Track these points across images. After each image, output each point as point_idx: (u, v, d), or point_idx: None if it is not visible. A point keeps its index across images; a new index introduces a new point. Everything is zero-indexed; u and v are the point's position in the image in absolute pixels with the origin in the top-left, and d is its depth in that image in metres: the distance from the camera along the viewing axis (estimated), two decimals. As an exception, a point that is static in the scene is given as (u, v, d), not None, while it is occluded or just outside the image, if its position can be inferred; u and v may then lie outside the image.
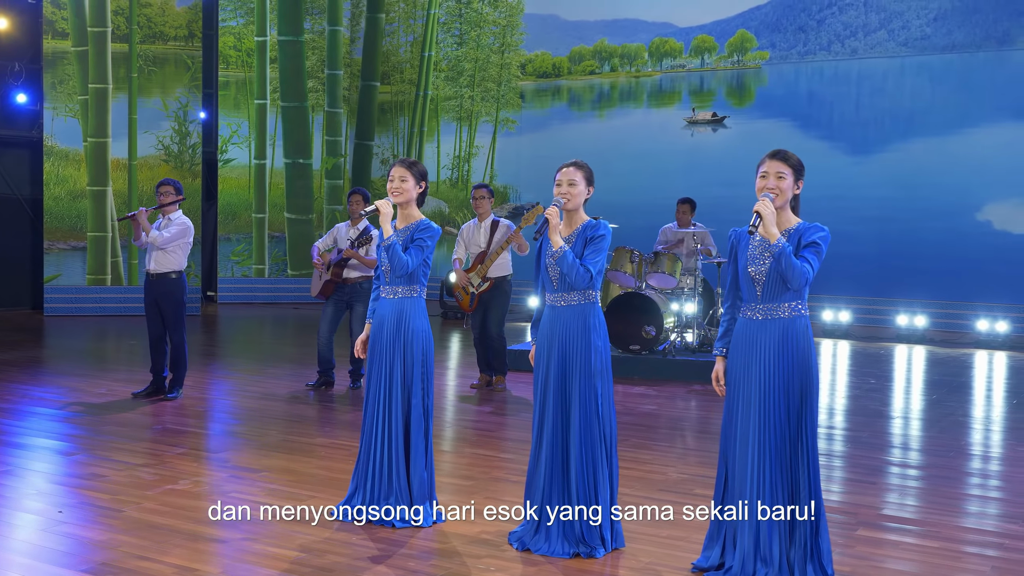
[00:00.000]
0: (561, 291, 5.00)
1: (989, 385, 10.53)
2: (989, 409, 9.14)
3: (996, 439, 7.78)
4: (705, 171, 15.64)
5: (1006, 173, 13.91)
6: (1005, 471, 6.75)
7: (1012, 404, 9.20)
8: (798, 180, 4.57)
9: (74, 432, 7.43)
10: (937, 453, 7.19)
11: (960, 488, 6.32)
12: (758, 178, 4.60)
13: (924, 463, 6.95)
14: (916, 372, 11.25)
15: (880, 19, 14.90)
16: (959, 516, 5.69)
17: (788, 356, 4.45)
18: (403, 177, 5.46)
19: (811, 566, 4.43)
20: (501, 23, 17.48)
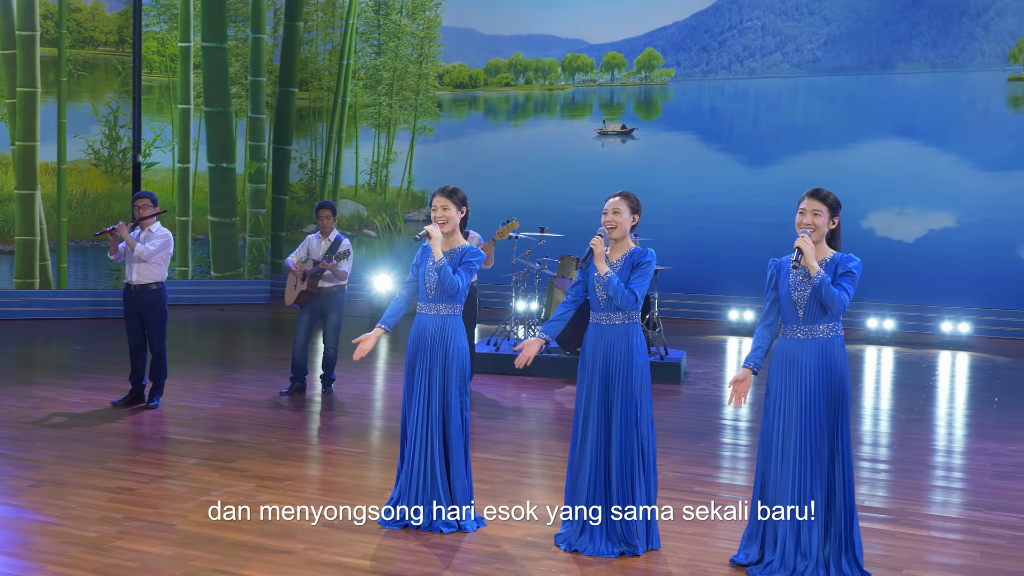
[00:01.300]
0: (608, 311, 5.25)
1: (878, 378, 11.22)
2: (877, 400, 9.80)
3: (884, 427, 8.36)
4: (615, 179, 16.02)
5: (887, 184, 14.78)
6: (894, 455, 7.31)
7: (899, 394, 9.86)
8: (833, 216, 4.90)
9: (74, 444, 7.29)
10: (864, 441, 7.72)
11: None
12: (797, 214, 4.93)
13: (873, 455, 7.46)
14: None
15: (776, 42, 15.59)
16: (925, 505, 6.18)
17: (826, 372, 4.82)
18: (445, 206, 5.62)
19: (845, 559, 4.81)
20: (419, 35, 17.54)
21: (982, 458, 7.39)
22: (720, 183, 15.60)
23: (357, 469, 6.80)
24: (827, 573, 4.79)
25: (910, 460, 7.32)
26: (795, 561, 4.82)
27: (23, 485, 6.20)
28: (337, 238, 9.27)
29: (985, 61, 14.56)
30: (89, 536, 5.30)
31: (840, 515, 4.84)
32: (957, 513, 6.04)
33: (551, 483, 6.52)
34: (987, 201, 14.35)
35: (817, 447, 4.83)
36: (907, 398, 9.85)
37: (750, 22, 15.69)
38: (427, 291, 5.62)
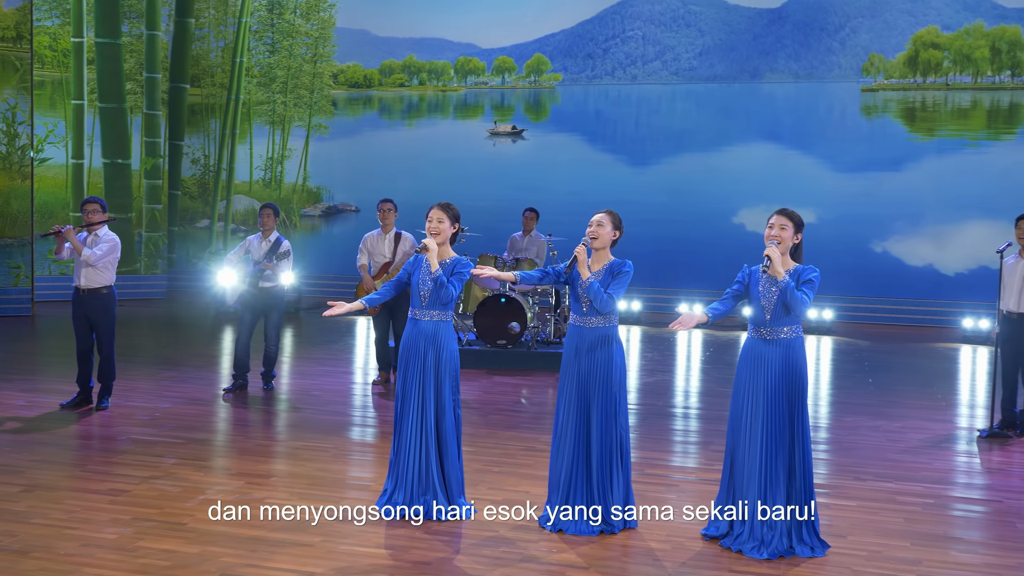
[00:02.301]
0: (589, 315, 5.69)
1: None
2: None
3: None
4: (505, 177, 16.57)
5: (756, 184, 15.74)
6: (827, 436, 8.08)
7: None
8: (797, 232, 5.47)
9: (42, 448, 7.25)
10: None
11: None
12: (767, 228, 5.47)
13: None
14: (695, 353, 12.63)
15: (656, 51, 16.33)
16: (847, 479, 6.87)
17: (789, 368, 5.40)
18: (440, 219, 5.94)
19: (805, 529, 5.41)
20: (313, 35, 17.51)
21: (878, 435, 8.19)
22: (605, 181, 16.25)
23: (335, 464, 7.03)
24: (790, 541, 5.38)
25: (816, 440, 8.04)
26: (762, 532, 5.38)
27: (14, 491, 6.19)
28: (277, 239, 9.39)
29: (842, 73, 15.67)
30: (108, 538, 5.40)
31: (800, 490, 5.43)
32: (873, 486, 6.75)
33: (520, 471, 6.91)
34: (844, 199, 15.46)
35: (780, 433, 5.40)
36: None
37: (632, 32, 16.38)
38: (421, 299, 5.92)
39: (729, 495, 5.56)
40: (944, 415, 9.08)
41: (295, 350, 12.00)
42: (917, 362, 12.06)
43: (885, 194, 15.36)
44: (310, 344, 12.39)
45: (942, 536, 5.75)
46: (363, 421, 8.47)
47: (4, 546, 5.24)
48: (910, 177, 15.32)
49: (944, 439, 8.12)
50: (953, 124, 15.27)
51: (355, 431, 8.09)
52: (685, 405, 9.44)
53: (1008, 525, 5.98)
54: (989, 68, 15.12)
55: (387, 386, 9.78)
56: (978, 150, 15.15)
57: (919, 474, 7.05)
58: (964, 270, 14.99)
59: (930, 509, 6.25)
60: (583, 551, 5.36)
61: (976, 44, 15.09)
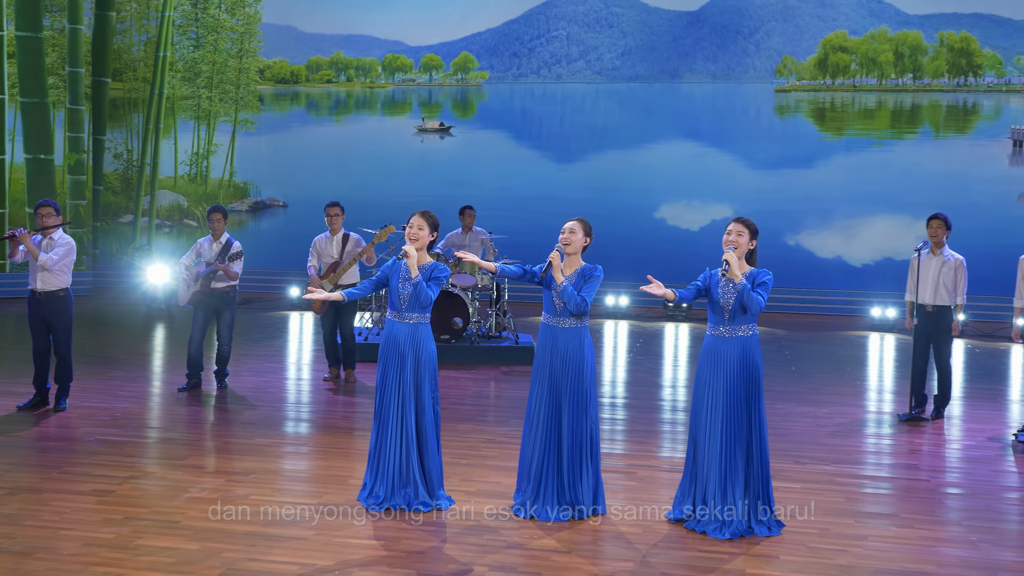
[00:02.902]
0: (563, 316, 6.08)
1: (676, 352, 12.63)
2: (676, 370, 11.18)
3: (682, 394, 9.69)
4: (433, 173, 16.84)
5: (676, 181, 16.35)
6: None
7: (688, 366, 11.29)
8: (752, 239, 5.93)
9: (13, 450, 7.33)
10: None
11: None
12: (725, 234, 5.91)
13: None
14: (621, 344, 13.15)
15: (579, 51, 16.80)
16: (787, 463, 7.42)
17: (746, 364, 5.88)
18: (420, 226, 6.24)
19: (762, 508, 5.90)
20: (239, 30, 17.46)
21: (808, 420, 8.79)
22: (531, 177, 16.66)
23: (308, 460, 7.28)
24: (748, 521, 5.87)
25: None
26: (722, 514, 5.87)
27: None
28: (228, 240, 9.52)
29: (756, 75, 16.38)
30: (107, 537, 5.59)
31: (757, 475, 5.92)
32: (812, 469, 7.30)
33: (487, 463, 7.26)
34: (759, 195, 16.17)
35: (738, 424, 5.88)
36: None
37: (556, 32, 16.80)
38: (400, 302, 6.22)
39: (692, 481, 6.03)
40: (864, 400, 9.75)
41: (236, 347, 12.08)
42: (833, 350, 12.79)
43: (797, 190, 16.12)
44: (250, 341, 12.49)
45: (880, 513, 6.32)
46: (323, 417, 8.70)
47: (4, 548, 5.39)
48: (820, 174, 16.11)
49: (868, 422, 8.76)
50: (860, 124, 16.12)
51: (317, 427, 8.32)
52: (612, 395, 9.88)
53: (936, 501, 6.59)
54: (893, 71, 15.99)
55: (336, 382, 10.02)
56: (883, 148, 16.02)
57: (851, 456, 7.65)
58: (871, 261, 15.85)
59: (866, 488, 6.84)
60: (561, 536, 5.76)
61: (881, 48, 15.94)
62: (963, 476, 7.19)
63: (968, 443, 8.10)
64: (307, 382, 10.13)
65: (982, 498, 6.67)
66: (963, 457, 7.69)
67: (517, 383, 10.28)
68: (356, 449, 7.60)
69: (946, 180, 15.60)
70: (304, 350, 12.02)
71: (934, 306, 8.82)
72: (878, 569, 5.36)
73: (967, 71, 15.82)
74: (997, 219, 15.37)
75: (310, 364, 11.07)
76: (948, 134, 15.92)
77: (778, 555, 5.55)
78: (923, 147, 15.88)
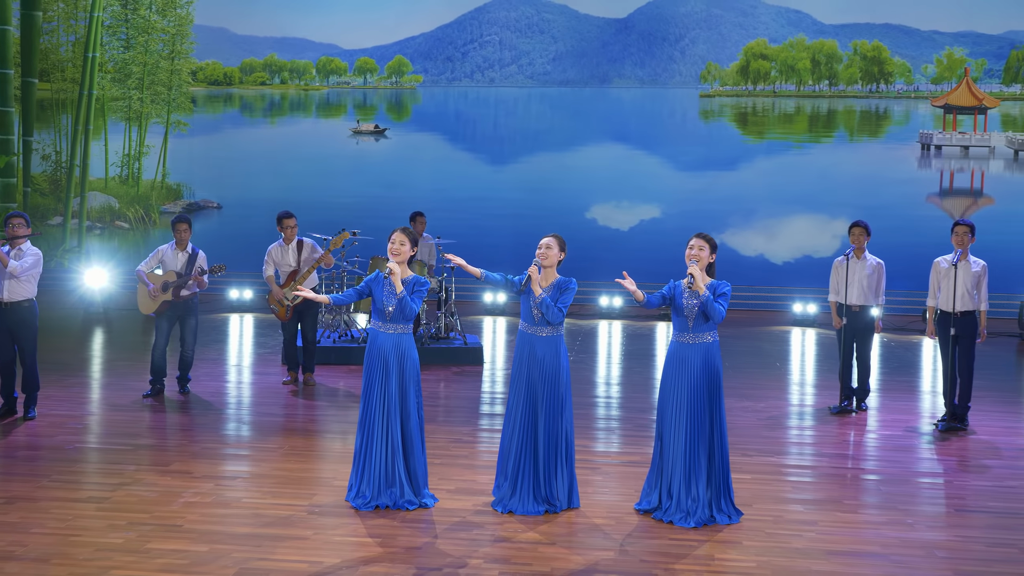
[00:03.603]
0: (540, 325, 6.59)
1: (609, 350, 13.26)
2: (609, 368, 11.84)
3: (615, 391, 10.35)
4: (368, 174, 17.20)
5: (606, 182, 17.00)
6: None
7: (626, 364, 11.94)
8: (712, 253, 6.52)
9: (-1, 460, 7.53)
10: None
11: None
12: (687, 248, 6.48)
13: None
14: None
15: (512, 56, 17.32)
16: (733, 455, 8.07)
17: (708, 368, 6.48)
18: (402, 241, 6.68)
19: (724, 500, 6.53)
20: (170, 31, 17.49)
21: (749, 414, 9.47)
22: (465, 179, 17.13)
23: (289, 462, 7.65)
24: (711, 511, 6.48)
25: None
26: (687, 504, 6.46)
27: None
28: (194, 250, 9.77)
29: (682, 80, 17.13)
30: (116, 542, 5.91)
31: (718, 469, 6.54)
32: (759, 460, 7.96)
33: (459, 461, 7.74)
34: (685, 196, 16.93)
35: (701, 423, 6.48)
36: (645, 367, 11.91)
37: (489, 37, 17.29)
38: (385, 315, 6.65)
39: (659, 475, 6.61)
40: (795, 393, 10.50)
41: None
42: (760, 345, 13.57)
43: (721, 191, 16.92)
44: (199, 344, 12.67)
45: (825, 499, 7.00)
46: (293, 420, 9.05)
47: (20, 555, 5.67)
48: (743, 176, 16.93)
49: (803, 415, 9.50)
50: (780, 128, 17.00)
51: (288, 431, 8.67)
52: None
53: (874, 488, 7.31)
54: (810, 78, 16.91)
55: (296, 385, 10.36)
56: (801, 152, 16.93)
57: (792, 447, 8.36)
58: (791, 259, 16.74)
59: (810, 478, 7.52)
60: (542, 529, 6.28)
61: (799, 56, 16.84)
62: (893, 464, 7.93)
63: (894, 433, 8.87)
64: (267, 386, 10.43)
65: (912, 484, 7.41)
66: (892, 446, 8.45)
67: (468, 383, 10.75)
68: (331, 451, 8.00)
69: (860, 182, 16.55)
70: (245, 353, 12.27)
71: (859, 306, 9.58)
72: (830, 551, 6.02)
73: (879, 78, 16.81)
74: (907, 218, 16.38)
75: (264, 368, 11.34)
76: (862, 138, 16.90)
77: (740, 541, 6.17)
78: (839, 150, 16.83)
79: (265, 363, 11.56)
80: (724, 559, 5.87)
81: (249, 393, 10.08)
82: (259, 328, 13.88)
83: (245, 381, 10.67)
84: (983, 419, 9.22)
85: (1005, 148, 16.66)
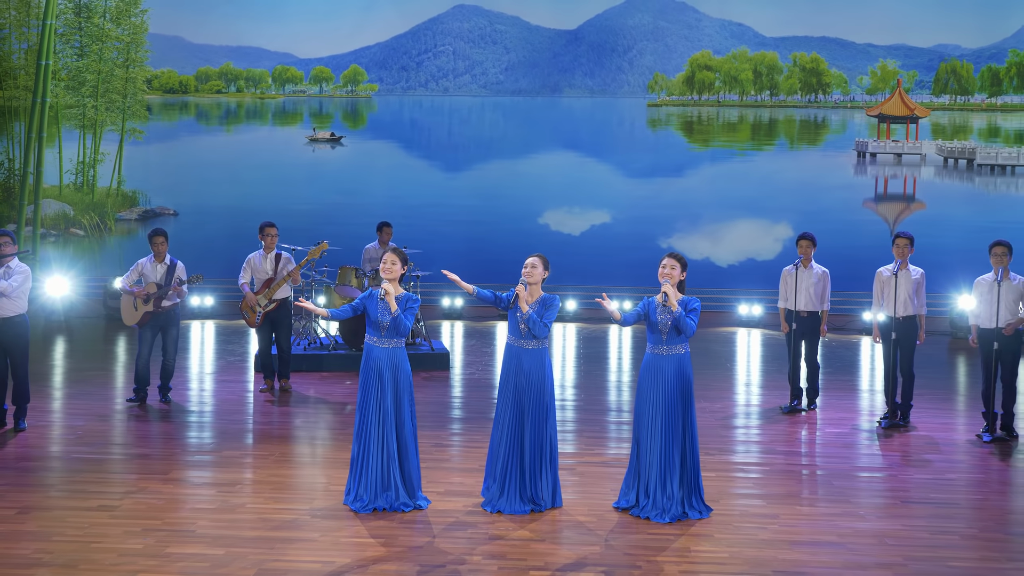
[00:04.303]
0: (526, 339, 7.16)
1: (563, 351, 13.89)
2: (564, 369, 12.47)
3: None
4: (325, 182, 17.61)
5: (558, 188, 17.65)
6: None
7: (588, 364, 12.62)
8: (683, 271, 7.14)
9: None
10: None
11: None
12: (660, 267, 7.10)
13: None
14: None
15: (465, 65, 17.86)
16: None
17: (681, 377, 7.11)
18: (394, 261, 7.20)
19: (695, 497, 7.16)
20: (125, 39, 17.67)
21: (707, 415, 10.14)
22: (421, 185, 17.64)
23: (284, 468, 8.12)
24: (683, 508, 7.11)
25: (663, 421, 9.88)
26: (663, 502, 7.09)
27: (11, 513, 6.91)
28: (172, 261, 10.15)
29: (630, 90, 17.83)
30: (136, 548, 6.34)
31: (690, 469, 7.17)
32: (720, 459, 8.62)
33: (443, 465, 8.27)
34: (634, 201, 17.65)
35: (675, 427, 7.11)
36: (601, 369, 12.58)
37: (443, 47, 17.81)
38: (380, 329, 7.17)
39: (636, 475, 7.23)
40: (748, 393, 11.22)
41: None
42: (708, 345, 14.29)
43: (668, 197, 17.67)
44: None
45: (784, 494, 7.69)
46: (279, 428, 9.49)
47: (47, 561, 6.08)
48: (689, 182, 17.70)
49: (756, 414, 10.21)
50: (724, 136, 17.80)
51: (278, 437, 9.11)
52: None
53: (827, 482, 8.02)
54: (752, 88, 17.73)
55: (272, 392, 10.79)
56: (744, 159, 17.75)
57: (750, 445, 9.05)
58: (735, 262, 17.55)
59: (768, 473, 8.21)
60: (532, 527, 6.86)
61: (741, 67, 17.65)
62: (843, 460, 8.66)
63: (841, 430, 9.62)
64: (244, 394, 10.84)
65: (861, 478, 8.15)
66: (840, 443, 9.19)
67: (437, 388, 11.28)
68: (321, 457, 8.49)
69: (800, 187, 17.43)
70: (214, 360, 12.62)
71: (807, 312, 10.31)
72: (793, 541, 6.69)
73: (817, 89, 17.70)
74: (844, 222, 17.29)
75: (237, 375, 11.73)
76: (801, 146, 17.78)
77: (712, 534, 6.81)
78: (780, 158, 17.69)
79: (237, 371, 11.94)
80: (699, 551, 6.51)
81: (230, 401, 10.48)
82: (225, 335, 14.22)
83: (226, 389, 11.05)
84: (921, 416, 10.02)
85: (935, 156, 17.67)
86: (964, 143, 17.61)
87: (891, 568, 6.27)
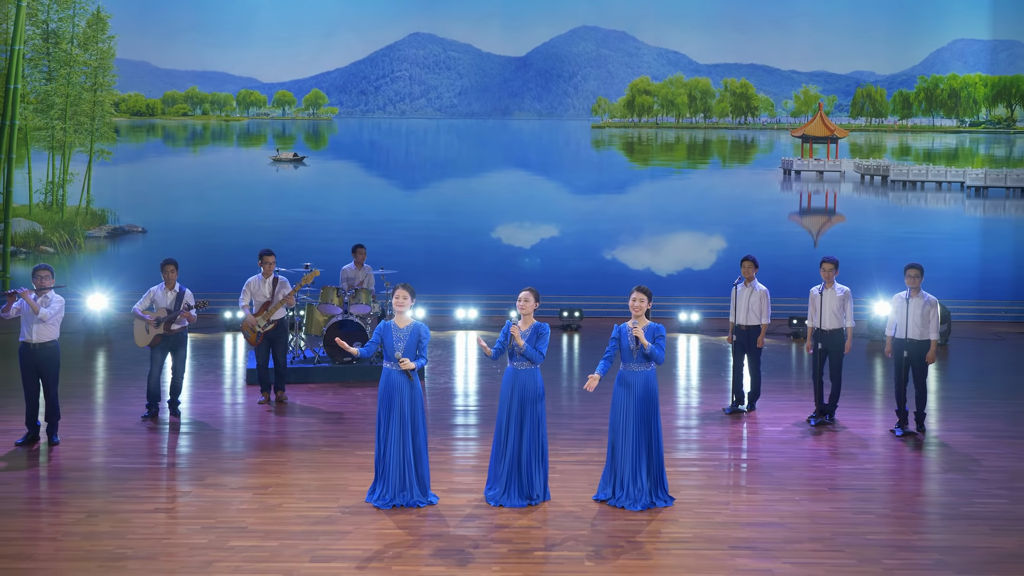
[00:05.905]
0: (522, 361, 8.63)
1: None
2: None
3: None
4: (289, 200, 18.85)
5: (510, 204, 19.15)
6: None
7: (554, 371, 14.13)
8: (649, 301, 8.68)
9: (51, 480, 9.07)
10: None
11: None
12: (630, 300, 8.63)
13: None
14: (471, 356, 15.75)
15: (421, 90, 19.24)
16: (659, 453, 10.29)
17: (648, 390, 8.66)
18: (404, 296, 8.59)
19: (660, 490, 8.73)
20: (92, 64, 18.65)
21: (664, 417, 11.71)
22: (380, 203, 18.97)
23: (305, 472, 9.45)
24: (652, 498, 8.67)
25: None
26: (634, 493, 8.64)
27: (82, 516, 8.15)
28: (181, 288, 11.37)
29: (576, 113, 19.41)
30: (202, 542, 7.65)
31: (655, 465, 8.73)
32: (680, 456, 10.19)
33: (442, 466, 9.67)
34: (580, 216, 19.23)
35: (643, 430, 8.66)
36: (561, 372, 14.11)
37: (400, 72, 19.17)
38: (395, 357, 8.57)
39: (612, 472, 8.76)
40: (693, 395, 12.85)
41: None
42: (654, 353, 15.91)
43: (612, 211, 19.30)
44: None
45: (731, 484, 9.31)
46: (290, 435, 10.78)
47: (132, 555, 7.36)
48: (631, 198, 19.35)
49: (705, 415, 11.82)
50: (662, 156, 19.50)
51: (289, 445, 10.42)
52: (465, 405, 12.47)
53: (766, 472, 9.65)
54: (688, 111, 19.45)
55: (270, 404, 12.07)
56: (681, 176, 19.46)
57: (704, 442, 10.67)
58: (674, 272, 19.25)
59: (724, 467, 9.83)
60: (531, 517, 8.35)
61: (677, 92, 19.35)
62: (780, 454, 10.30)
63: (777, 428, 11.28)
64: (244, 406, 12.10)
65: (796, 469, 9.80)
66: (777, 440, 10.84)
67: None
68: (332, 461, 9.83)
69: (732, 202, 19.20)
70: (206, 375, 13.84)
71: (747, 325, 11.96)
72: (743, 523, 8.29)
73: (746, 112, 19.49)
74: (772, 234, 19.11)
75: (232, 389, 12.96)
76: (733, 164, 19.57)
77: (677, 518, 8.38)
78: (713, 175, 19.45)
79: (231, 383, 13.17)
80: (668, 532, 8.07)
81: (235, 413, 11.74)
82: (205, 351, 15.37)
83: (228, 401, 12.28)
84: (844, 414, 11.75)
85: (853, 172, 19.62)
86: (879, 161, 19.58)
87: (821, 542, 7.90)
